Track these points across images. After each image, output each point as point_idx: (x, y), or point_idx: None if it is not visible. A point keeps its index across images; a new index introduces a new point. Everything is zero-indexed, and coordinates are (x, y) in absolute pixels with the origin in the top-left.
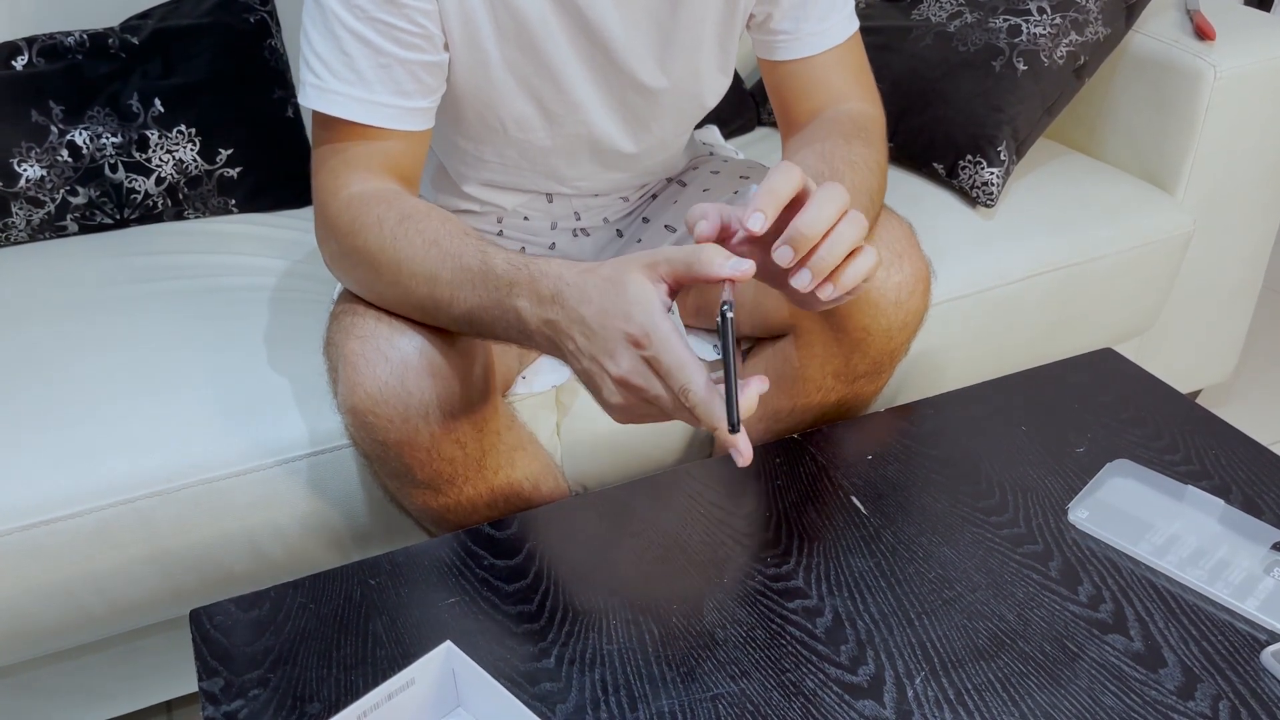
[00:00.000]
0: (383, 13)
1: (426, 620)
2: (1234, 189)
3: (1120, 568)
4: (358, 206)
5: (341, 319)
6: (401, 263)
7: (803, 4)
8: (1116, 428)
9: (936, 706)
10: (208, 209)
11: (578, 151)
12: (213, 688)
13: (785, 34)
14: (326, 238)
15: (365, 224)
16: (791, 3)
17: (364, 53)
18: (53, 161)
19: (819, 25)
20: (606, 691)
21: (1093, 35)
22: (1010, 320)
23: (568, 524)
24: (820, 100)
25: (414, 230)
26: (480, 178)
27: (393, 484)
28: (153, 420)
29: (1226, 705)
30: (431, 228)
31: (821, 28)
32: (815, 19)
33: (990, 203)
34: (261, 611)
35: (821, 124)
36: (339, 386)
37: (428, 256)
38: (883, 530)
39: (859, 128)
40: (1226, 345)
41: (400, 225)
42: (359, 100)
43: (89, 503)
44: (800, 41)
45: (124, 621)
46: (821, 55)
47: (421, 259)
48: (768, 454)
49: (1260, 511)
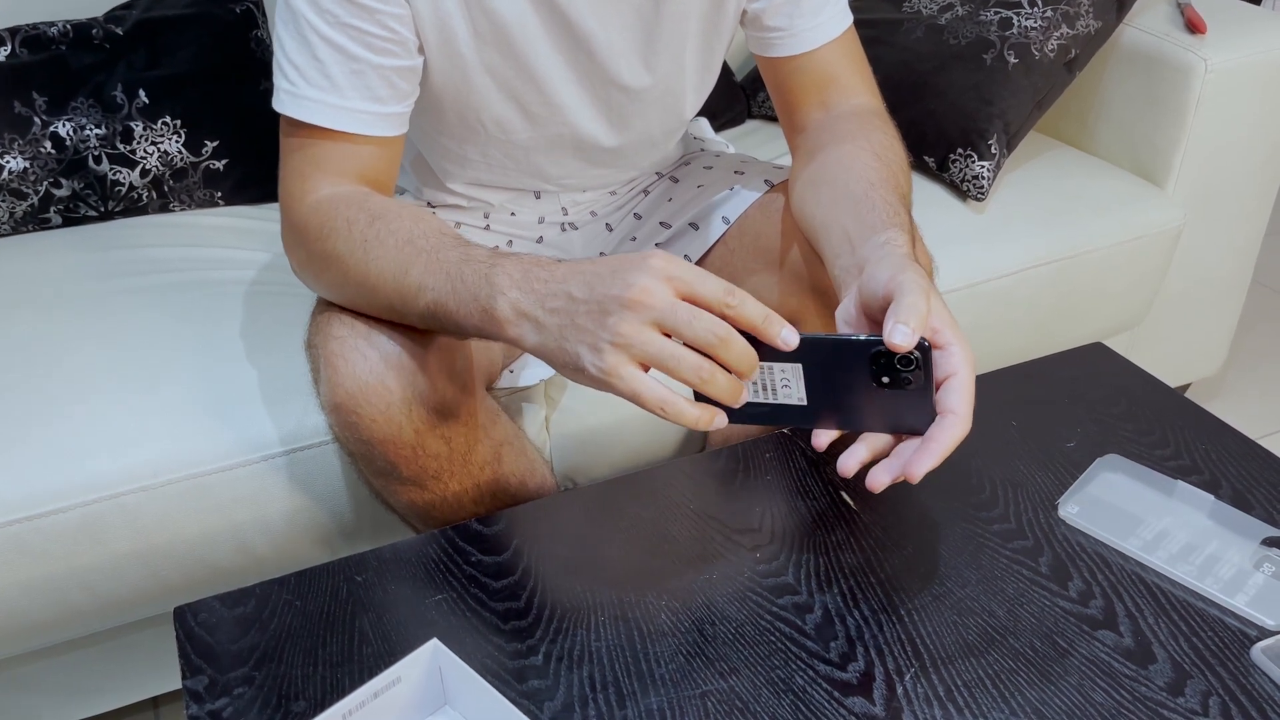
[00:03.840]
0: (354, 19)
1: (413, 617)
2: (1224, 183)
3: (1110, 563)
4: (326, 209)
5: (321, 318)
6: (370, 262)
7: (795, 1)
8: (1107, 422)
9: (926, 703)
10: (193, 201)
11: (561, 150)
12: (197, 686)
13: (780, 30)
14: (295, 244)
15: (334, 227)
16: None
17: (337, 59)
18: (36, 153)
19: (813, 20)
20: (594, 689)
21: (1084, 28)
22: (1000, 315)
23: (555, 520)
24: (825, 96)
25: (385, 230)
26: (466, 176)
27: (378, 481)
28: (138, 415)
29: (1216, 701)
30: (404, 227)
31: (815, 22)
32: (809, 14)
33: (981, 196)
34: (246, 608)
35: (849, 120)
36: (321, 385)
37: (400, 254)
38: (872, 526)
39: (888, 124)
40: (1216, 339)
41: (371, 226)
42: (332, 106)
43: (74, 498)
44: (796, 38)
45: (110, 617)
46: (820, 50)
47: (393, 257)
48: (757, 450)
49: (1250, 506)
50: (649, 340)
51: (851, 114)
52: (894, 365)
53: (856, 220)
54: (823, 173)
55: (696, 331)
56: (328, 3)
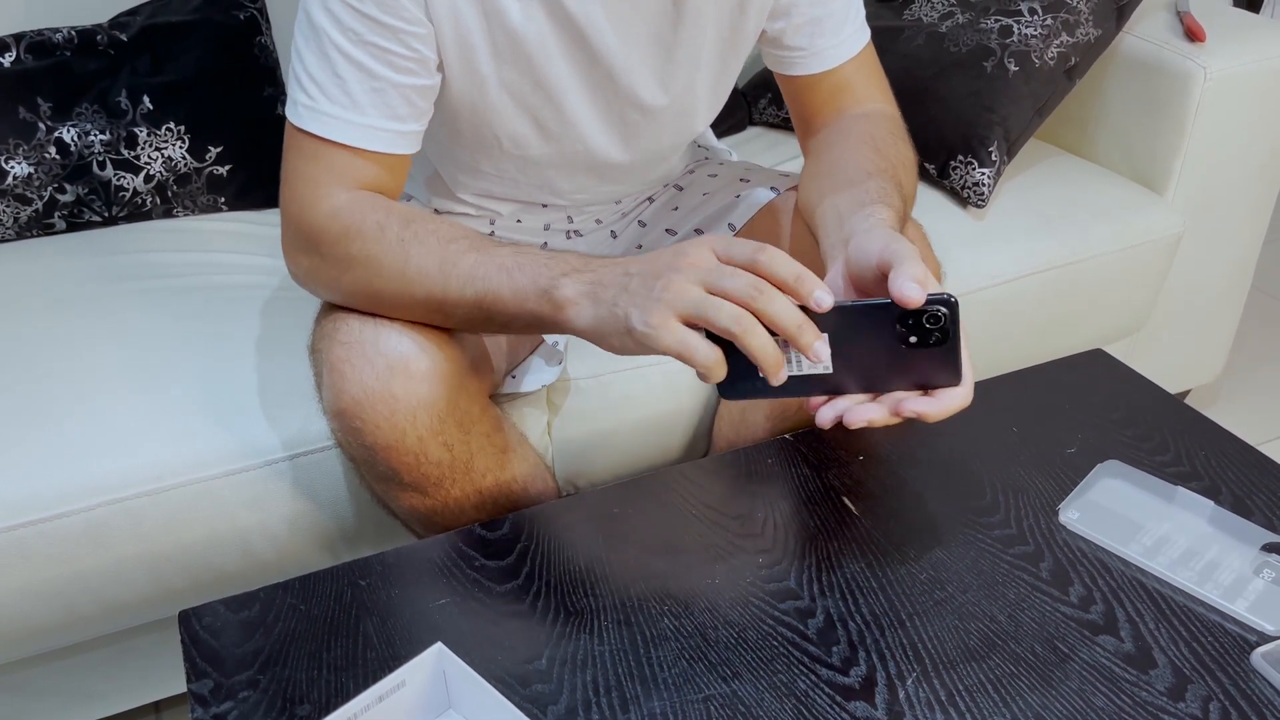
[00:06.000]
0: (377, 36)
1: (417, 621)
2: (1223, 190)
3: (1111, 569)
4: (350, 214)
5: (325, 323)
6: (411, 259)
7: (816, 21)
8: (1107, 428)
9: (928, 708)
10: (197, 207)
11: (574, 166)
12: (202, 689)
13: (800, 50)
14: (306, 249)
15: (362, 231)
16: (804, 19)
17: (357, 76)
18: (40, 159)
19: (833, 39)
20: (598, 693)
21: (1084, 36)
22: (1001, 321)
23: (559, 524)
24: (841, 104)
25: (424, 231)
26: (476, 186)
27: (380, 486)
28: (142, 419)
29: (1217, 706)
30: (443, 229)
31: (835, 41)
32: (829, 34)
33: (981, 203)
34: (251, 612)
35: (858, 120)
36: (324, 390)
37: (445, 251)
38: (874, 531)
39: (897, 125)
40: (1216, 346)
41: (408, 228)
42: (352, 124)
43: (78, 502)
44: (816, 57)
45: (113, 622)
46: (839, 67)
47: (438, 254)
48: (759, 455)
49: (1250, 512)
50: (693, 292)
51: (863, 115)
52: (923, 324)
53: (848, 200)
54: (825, 167)
55: (737, 284)
56: (351, 20)
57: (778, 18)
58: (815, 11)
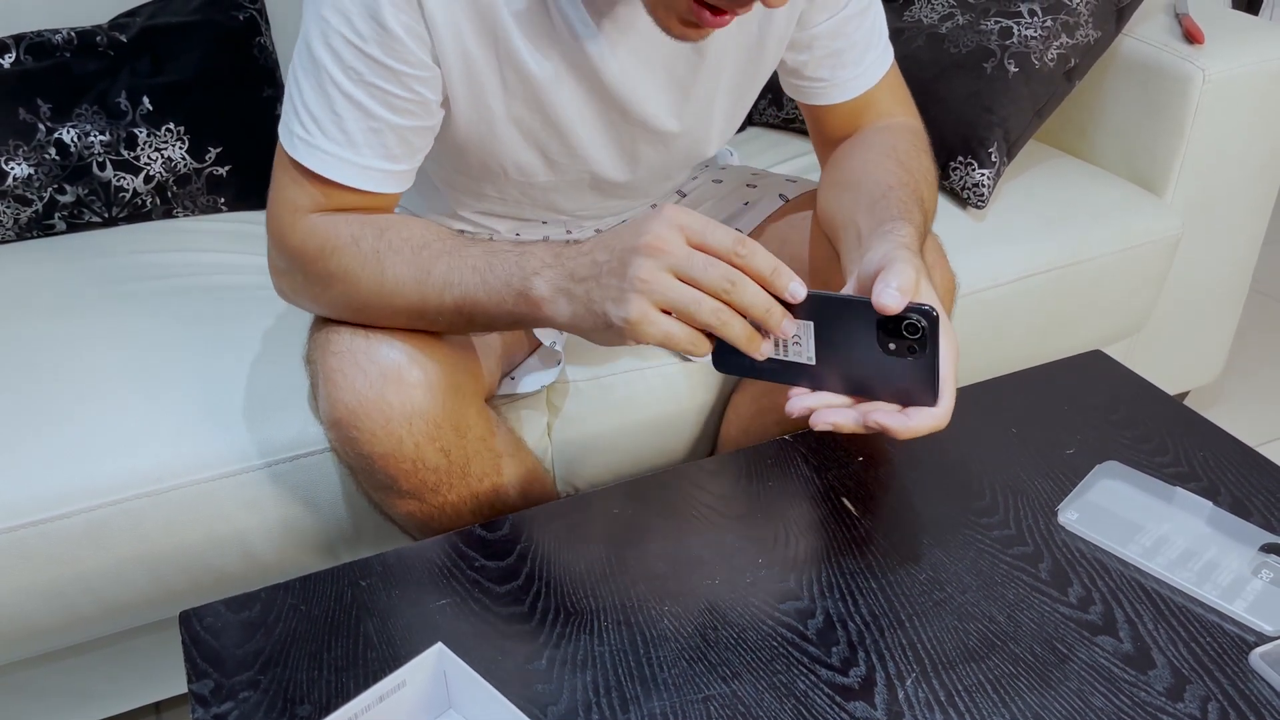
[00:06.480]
0: (378, 78)
1: (418, 622)
2: (1222, 192)
3: (1110, 569)
4: (325, 230)
5: (320, 333)
6: (386, 271)
7: (837, 53)
8: (1106, 429)
9: (927, 708)
10: (197, 207)
11: (579, 188)
12: (203, 690)
13: (822, 81)
14: (291, 268)
15: (338, 245)
16: (825, 52)
17: (355, 115)
18: (40, 159)
19: (855, 70)
20: (598, 693)
21: (1083, 38)
22: (1000, 322)
23: (559, 525)
24: (862, 121)
25: (398, 239)
26: (478, 207)
27: (377, 494)
28: (143, 420)
29: (1215, 707)
30: (416, 234)
31: (858, 71)
32: (850, 65)
33: (981, 204)
34: (252, 613)
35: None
36: (320, 400)
37: (418, 258)
38: (873, 532)
39: (920, 139)
40: (1214, 347)
41: (382, 238)
42: (346, 162)
43: (78, 503)
44: (839, 87)
45: (114, 622)
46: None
47: (411, 262)
48: (759, 456)
49: (1248, 513)
50: (669, 285)
51: (885, 126)
52: (900, 332)
53: (869, 217)
54: (847, 176)
55: (711, 276)
56: (353, 59)
57: (798, 50)
58: (836, 44)
